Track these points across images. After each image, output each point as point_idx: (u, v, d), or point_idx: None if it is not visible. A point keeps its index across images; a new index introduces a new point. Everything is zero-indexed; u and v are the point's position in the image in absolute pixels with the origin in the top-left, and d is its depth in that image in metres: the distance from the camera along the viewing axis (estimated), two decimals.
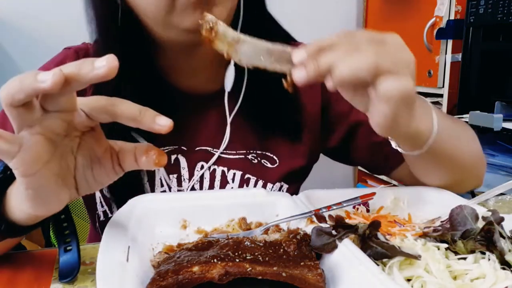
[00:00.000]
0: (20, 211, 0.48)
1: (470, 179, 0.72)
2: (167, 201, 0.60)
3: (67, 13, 1.92)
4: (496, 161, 1.57)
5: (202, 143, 0.75)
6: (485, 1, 1.64)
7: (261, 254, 0.44)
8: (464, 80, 1.77)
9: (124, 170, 0.47)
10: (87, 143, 0.45)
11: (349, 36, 0.46)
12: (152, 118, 0.41)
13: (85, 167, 0.46)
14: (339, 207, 0.59)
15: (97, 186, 0.47)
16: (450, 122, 0.64)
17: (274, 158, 0.77)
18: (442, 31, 1.84)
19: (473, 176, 0.72)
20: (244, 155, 0.76)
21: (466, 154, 0.68)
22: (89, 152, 0.46)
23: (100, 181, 0.47)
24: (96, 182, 0.47)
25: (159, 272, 0.42)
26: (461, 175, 0.68)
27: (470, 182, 0.73)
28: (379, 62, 0.44)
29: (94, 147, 0.46)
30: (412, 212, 0.62)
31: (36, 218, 0.49)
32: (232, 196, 0.63)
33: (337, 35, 0.46)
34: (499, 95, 1.66)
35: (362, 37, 0.46)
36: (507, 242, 0.47)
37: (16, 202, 0.48)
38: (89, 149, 0.45)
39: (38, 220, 0.50)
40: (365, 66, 0.44)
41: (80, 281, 0.52)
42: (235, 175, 0.75)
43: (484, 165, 0.75)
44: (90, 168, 0.46)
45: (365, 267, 0.41)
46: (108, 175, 0.47)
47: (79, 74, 0.38)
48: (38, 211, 0.46)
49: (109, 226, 0.51)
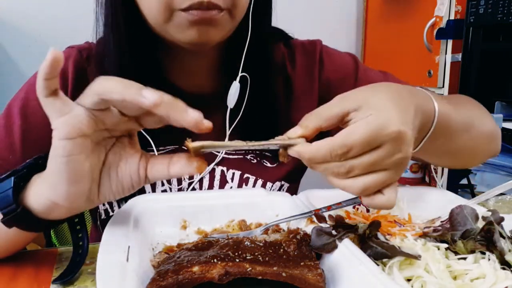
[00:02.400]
0: (40, 196, 0.48)
1: (486, 151, 0.73)
2: (167, 201, 0.60)
3: (67, 13, 1.92)
4: (496, 161, 1.56)
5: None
6: (485, 1, 1.64)
7: (261, 254, 0.44)
8: (464, 80, 1.77)
9: (149, 178, 0.47)
10: (121, 144, 0.47)
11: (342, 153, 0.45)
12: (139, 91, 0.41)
13: (112, 166, 0.47)
14: (339, 207, 0.59)
15: (117, 188, 0.47)
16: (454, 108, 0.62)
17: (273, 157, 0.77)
18: (442, 31, 1.84)
19: (488, 149, 0.73)
20: (243, 155, 0.76)
21: (478, 138, 0.68)
22: (120, 152, 0.47)
23: (121, 181, 0.47)
24: (118, 183, 0.47)
25: (159, 272, 0.42)
26: (471, 157, 0.70)
27: (485, 154, 0.74)
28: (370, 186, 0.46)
29: (126, 148, 0.47)
30: (412, 212, 0.62)
31: (52, 208, 0.48)
32: (232, 196, 0.63)
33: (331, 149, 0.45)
34: (499, 95, 1.66)
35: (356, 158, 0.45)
36: (507, 242, 0.47)
37: (38, 187, 0.48)
38: (121, 150, 0.47)
39: (51, 215, 0.49)
40: (356, 191, 0.46)
41: (80, 281, 0.52)
42: (234, 174, 0.75)
43: (498, 133, 0.74)
44: (116, 166, 0.47)
45: (365, 267, 0.41)
46: (131, 176, 0.47)
47: (170, 113, 0.41)
48: (58, 192, 0.46)
49: (109, 226, 0.51)
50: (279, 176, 0.76)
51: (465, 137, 0.65)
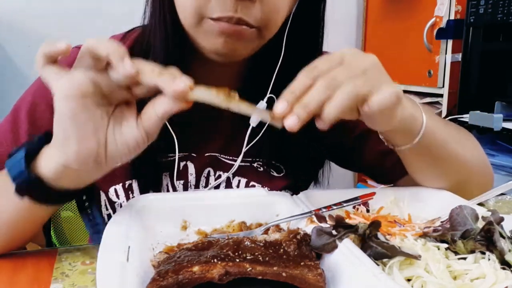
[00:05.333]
0: (50, 160, 0.50)
1: (473, 185, 0.71)
2: (167, 201, 0.60)
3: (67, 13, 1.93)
4: (496, 161, 1.56)
5: (210, 149, 0.75)
6: (485, 1, 1.64)
7: (261, 254, 0.44)
8: (464, 80, 1.77)
9: (146, 131, 0.50)
10: (120, 109, 0.51)
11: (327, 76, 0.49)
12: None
13: (115, 127, 0.50)
14: (339, 207, 0.59)
15: (122, 148, 0.50)
16: (445, 124, 0.67)
17: (281, 167, 0.76)
18: (442, 31, 1.84)
19: (477, 183, 0.72)
20: (249, 163, 0.75)
21: (466, 158, 0.68)
22: (121, 116, 0.50)
23: (126, 141, 0.49)
24: (123, 143, 0.50)
25: (159, 272, 0.42)
26: (460, 178, 0.68)
27: (474, 189, 0.72)
28: (359, 91, 0.49)
29: (125, 112, 0.51)
30: (412, 212, 0.62)
31: (62, 172, 0.50)
32: (232, 196, 0.63)
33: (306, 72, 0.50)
34: (499, 95, 1.66)
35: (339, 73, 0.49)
36: (507, 242, 0.47)
37: (48, 152, 0.51)
38: (121, 114, 0.50)
39: (62, 181, 0.51)
40: (347, 103, 0.48)
41: (80, 281, 0.52)
42: (239, 182, 0.74)
43: (490, 174, 0.75)
44: (120, 127, 0.50)
45: (365, 267, 0.41)
46: (133, 134, 0.50)
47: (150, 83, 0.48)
48: (68, 153, 0.48)
49: (109, 226, 0.51)
50: (285, 185, 0.75)
51: (451, 144, 0.66)
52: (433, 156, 0.64)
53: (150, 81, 0.48)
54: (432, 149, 0.63)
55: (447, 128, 0.67)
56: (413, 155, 0.64)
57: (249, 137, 0.72)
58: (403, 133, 0.60)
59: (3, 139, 0.69)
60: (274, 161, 0.76)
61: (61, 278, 0.53)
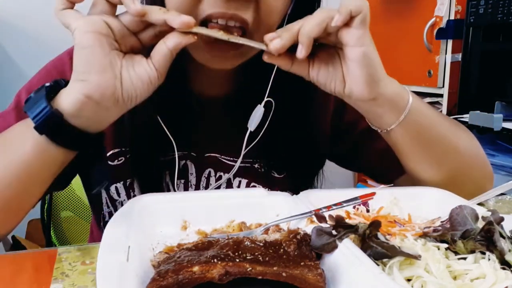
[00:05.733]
0: (71, 92, 0.53)
1: (469, 180, 0.71)
2: (167, 201, 0.60)
3: None
4: (496, 161, 1.57)
5: (210, 149, 0.75)
6: (485, 1, 1.64)
7: (261, 254, 0.44)
8: (464, 80, 1.77)
9: (156, 67, 0.54)
10: (130, 55, 0.55)
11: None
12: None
13: (128, 65, 0.54)
14: (339, 207, 0.59)
15: (137, 83, 0.54)
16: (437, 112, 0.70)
17: (281, 168, 0.76)
18: (442, 31, 1.84)
19: (474, 177, 0.72)
20: (250, 164, 0.75)
21: (459, 146, 0.68)
22: (132, 58, 0.55)
23: (139, 75, 0.54)
24: (137, 78, 0.54)
25: (159, 272, 0.42)
26: (454, 168, 0.68)
27: (470, 184, 0.71)
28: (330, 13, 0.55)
29: (135, 56, 0.55)
30: (412, 212, 0.62)
31: (83, 103, 0.52)
32: (232, 196, 0.63)
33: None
34: (499, 95, 1.66)
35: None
36: (507, 242, 0.47)
37: (69, 86, 0.54)
38: (132, 57, 0.55)
39: (81, 115, 0.53)
40: (324, 17, 0.55)
41: (80, 281, 0.52)
42: (240, 182, 0.74)
43: (487, 169, 0.74)
44: (132, 65, 0.54)
45: (365, 267, 0.41)
46: (145, 69, 0.54)
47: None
48: (88, 82, 0.52)
49: (109, 226, 0.51)
50: (285, 186, 0.75)
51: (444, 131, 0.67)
52: (423, 139, 0.64)
53: (158, 17, 0.53)
54: (421, 131, 0.64)
55: (439, 116, 0.68)
56: (403, 139, 0.64)
57: (249, 139, 0.72)
58: (389, 108, 0.61)
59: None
60: (275, 162, 0.76)
61: (61, 278, 0.52)
